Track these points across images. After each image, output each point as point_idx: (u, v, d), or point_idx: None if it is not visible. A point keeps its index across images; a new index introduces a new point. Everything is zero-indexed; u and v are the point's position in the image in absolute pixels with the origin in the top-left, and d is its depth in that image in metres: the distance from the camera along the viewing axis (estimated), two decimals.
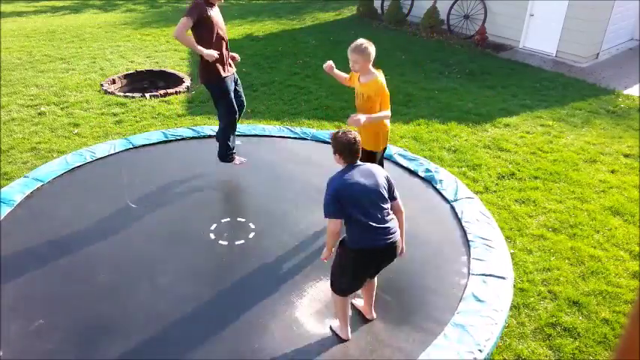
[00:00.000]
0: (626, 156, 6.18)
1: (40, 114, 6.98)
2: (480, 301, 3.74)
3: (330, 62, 4.28)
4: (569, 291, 4.01)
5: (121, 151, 5.79)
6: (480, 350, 3.33)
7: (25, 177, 5.21)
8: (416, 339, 3.50)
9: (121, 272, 4.10)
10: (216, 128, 5.50)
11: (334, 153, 3.15)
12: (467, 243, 4.39)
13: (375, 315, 3.65)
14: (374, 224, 3.06)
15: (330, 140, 3.19)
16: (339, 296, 3.34)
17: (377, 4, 12.57)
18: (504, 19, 10.36)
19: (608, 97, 8.03)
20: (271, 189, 5.23)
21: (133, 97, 7.55)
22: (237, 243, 4.41)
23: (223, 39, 4.68)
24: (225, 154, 5.26)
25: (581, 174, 5.73)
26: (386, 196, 3.14)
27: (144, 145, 5.91)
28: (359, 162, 3.18)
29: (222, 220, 4.68)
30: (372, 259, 3.22)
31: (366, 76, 3.99)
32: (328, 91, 7.88)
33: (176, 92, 7.82)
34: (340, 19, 12.79)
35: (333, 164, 3.25)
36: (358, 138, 3.13)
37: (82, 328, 3.57)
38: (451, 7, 10.93)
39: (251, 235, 4.49)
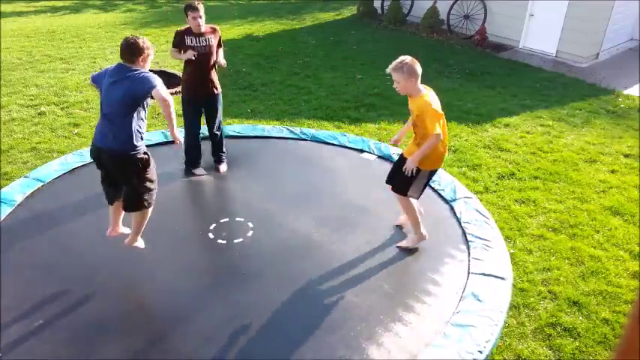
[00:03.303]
0: (626, 156, 6.18)
1: (40, 114, 6.98)
2: (479, 300, 3.75)
3: (395, 137, 4.35)
4: (569, 291, 4.01)
5: None
6: (479, 351, 3.33)
7: (25, 177, 5.21)
8: (416, 338, 3.50)
9: (121, 271, 4.09)
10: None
11: None
12: (466, 243, 4.40)
13: (124, 230, 4.06)
14: (101, 121, 3.53)
15: None
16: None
17: (377, 4, 12.57)
18: (504, 19, 10.36)
19: (608, 97, 8.03)
20: (269, 188, 5.24)
21: None
22: (235, 241, 4.42)
23: (201, 61, 5.02)
24: (188, 161, 5.50)
25: (581, 174, 5.73)
26: (127, 106, 3.44)
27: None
28: (134, 67, 3.47)
29: (221, 220, 4.69)
30: (97, 157, 3.63)
31: (414, 94, 3.89)
32: (328, 91, 7.87)
33: (176, 92, 7.80)
34: (340, 19, 12.79)
35: (330, 164, 3.25)
36: (135, 41, 3.43)
37: (82, 328, 3.56)
38: (451, 7, 10.93)
39: (249, 234, 4.51)
